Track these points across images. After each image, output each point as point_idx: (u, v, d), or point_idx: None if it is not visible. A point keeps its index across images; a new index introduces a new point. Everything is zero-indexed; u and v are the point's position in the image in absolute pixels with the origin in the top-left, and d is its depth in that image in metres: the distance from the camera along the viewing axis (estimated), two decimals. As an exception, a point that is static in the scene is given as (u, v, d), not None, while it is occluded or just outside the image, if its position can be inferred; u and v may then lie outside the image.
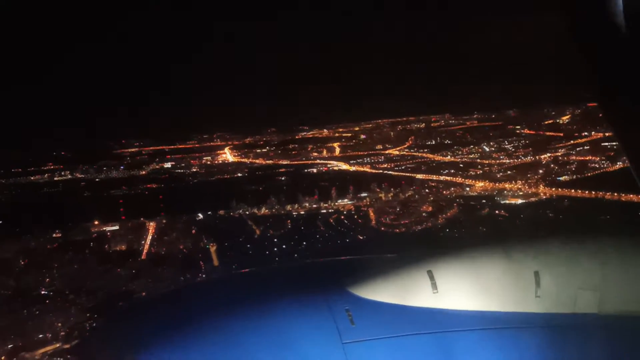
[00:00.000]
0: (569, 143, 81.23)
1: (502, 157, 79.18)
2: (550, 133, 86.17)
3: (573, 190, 65.38)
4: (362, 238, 56.75)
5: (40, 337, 38.39)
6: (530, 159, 77.12)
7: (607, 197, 60.72)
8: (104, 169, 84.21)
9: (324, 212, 65.57)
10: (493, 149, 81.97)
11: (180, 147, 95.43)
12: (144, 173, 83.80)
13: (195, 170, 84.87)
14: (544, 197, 65.62)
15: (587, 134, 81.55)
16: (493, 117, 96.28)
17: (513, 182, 69.42)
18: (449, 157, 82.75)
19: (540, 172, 72.38)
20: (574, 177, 70.11)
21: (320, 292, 3.90)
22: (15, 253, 51.89)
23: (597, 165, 72.01)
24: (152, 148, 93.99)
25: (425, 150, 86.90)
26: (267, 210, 66.10)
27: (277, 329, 3.63)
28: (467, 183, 71.32)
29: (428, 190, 69.41)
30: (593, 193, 62.87)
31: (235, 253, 52.85)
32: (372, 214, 63.91)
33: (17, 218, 60.23)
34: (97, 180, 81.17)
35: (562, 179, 69.65)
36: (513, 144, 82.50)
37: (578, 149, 78.57)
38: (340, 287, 3.92)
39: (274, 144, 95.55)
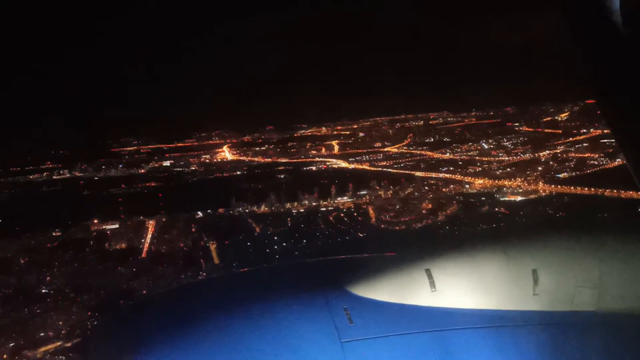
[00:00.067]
0: (568, 140, 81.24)
1: (501, 154, 79.07)
2: (549, 130, 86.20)
3: (572, 187, 65.43)
4: (362, 235, 56.80)
5: (42, 335, 38.48)
6: (529, 156, 77.10)
7: (606, 194, 60.78)
8: (103, 168, 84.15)
9: (324, 209, 65.61)
10: (492, 146, 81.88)
11: (179, 145, 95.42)
12: (143, 171, 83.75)
13: (194, 169, 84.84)
14: (544, 194, 65.68)
15: (585, 131, 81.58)
16: (491, 114, 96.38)
17: (512, 179, 69.44)
18: (448, 154, 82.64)
19: (540, 169, 72.37)
20: (573, 174, 70.12)
21: (319, 291, 3.90)
22: (16, 252, 51.93)
23: (596, 162, 72.03)
24: (150, 146, 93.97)
25: (424, 148, 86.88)
26: (266, 208, 66.12)
27: (275, 328, 3.63)
28: (466, 180, 71.34)
29: (427, 188, 69.44)
30: (592, 190, 62.96)
31: (236, 251, 52.88)
32: (371, 212, 63.92)
33: (16, 217, 60.23)
34: (95, 179, 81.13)
35: (561, 176, 69.69)
36: (512, 141, 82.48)
37: (577, 146, 78.60)
38: (339, 286, 3.93)
39: (273, 142, 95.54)
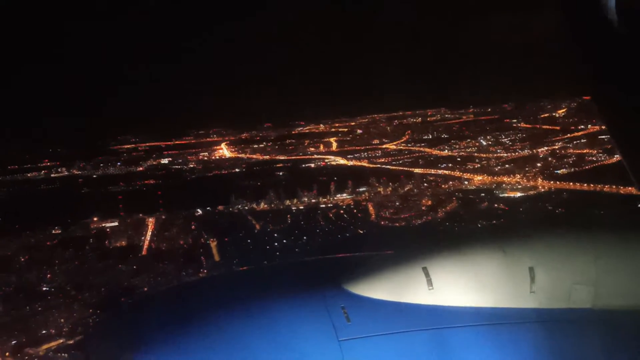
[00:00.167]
0: (566, 136, 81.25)
1: (499, 150, 79.08)
2: (547, 126, 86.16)
3: (571, 183, 65.50)
4: (361, 232, 56.79)
5: (43, 333, 38.52)
6: (528, 152, 77.14)
7: (605, 189, 60.83)
8: (101, 166, 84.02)
9: (323, 207, 65.60)
10: (490, 143, 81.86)
11: (177, 143, 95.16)
12: (142, 169, 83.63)
13: (193, 166, 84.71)
14: (542, 190, 65.74)
15: (583, 127, 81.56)
16: (489, 110, 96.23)
17: (511, 175, 69.50)
18: (447, 151, 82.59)
19: (538, 165, 72.42)
20: (572, 170, 70.18)
21: (317, 289, 3.93)
22: (16, 250, 51.91)
23: (594, 158, 72.10)
24: (148, 144, 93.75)
25: (423, 145, 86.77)
26: (266, 206, 66.09)
27: (273, 327, 3.66)
28: (465, 177, 71.38)
29: (427, 184, 69.44)
30: (591, 186, 63.00)
31: (236, 248, 52.88)
32: (371, 209, 63.92)
33: (16, 215, 60.17)
34: (94, 177, 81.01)
35: (560, 172, 69.74)
36: (510, 138, 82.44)
37: (575, 142, 78.63)
38: (336, 284, 3.96)
39: (271, 140, 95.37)
